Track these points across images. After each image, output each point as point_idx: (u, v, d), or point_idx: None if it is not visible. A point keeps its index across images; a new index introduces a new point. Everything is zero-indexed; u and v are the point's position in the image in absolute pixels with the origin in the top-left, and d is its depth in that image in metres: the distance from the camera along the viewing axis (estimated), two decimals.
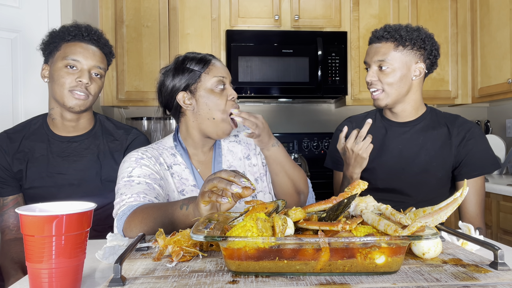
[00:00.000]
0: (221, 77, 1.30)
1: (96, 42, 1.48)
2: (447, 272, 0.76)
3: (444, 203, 0.81)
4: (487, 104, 3.28)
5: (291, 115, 3.30)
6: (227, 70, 1.36)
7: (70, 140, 1.52)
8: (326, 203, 0.87)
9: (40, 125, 1.55)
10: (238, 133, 1.47)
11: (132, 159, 1.29)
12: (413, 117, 1.58)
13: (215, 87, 1.29)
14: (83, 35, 1.46)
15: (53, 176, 1.49)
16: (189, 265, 0.82)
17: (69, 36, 1.45)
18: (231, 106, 1.29)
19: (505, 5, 2.62)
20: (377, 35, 1.52)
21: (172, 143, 1.39)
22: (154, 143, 1.42)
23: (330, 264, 0.73)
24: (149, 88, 2.85)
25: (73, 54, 1.43)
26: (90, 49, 1.46)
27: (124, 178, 1.24)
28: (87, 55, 1.45)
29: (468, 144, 1.54)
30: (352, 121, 1.71)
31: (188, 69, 1.30)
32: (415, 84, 1.54)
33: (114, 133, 1.58)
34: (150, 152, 1.33)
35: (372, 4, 2.96)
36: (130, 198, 1.16)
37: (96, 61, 1.47)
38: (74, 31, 1.46)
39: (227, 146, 1.43)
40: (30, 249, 0.66)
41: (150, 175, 1.25)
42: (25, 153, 1.50)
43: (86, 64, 1.44)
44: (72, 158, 1.50)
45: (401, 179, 1.57)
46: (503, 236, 2.29)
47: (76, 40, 1.45)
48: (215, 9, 2.87)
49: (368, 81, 1.53)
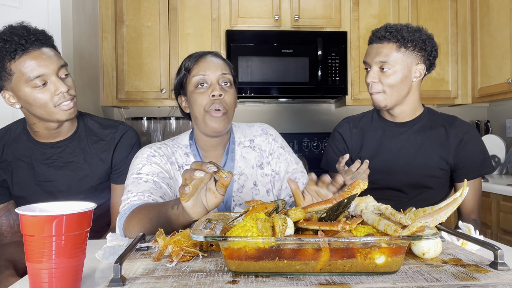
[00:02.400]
0: (201, 75, 1.26)
1: (39, 42, 1.29)
2: (447, 272, 0.76)
3: (444, 203, 0.81)
4: (487, 104, 3.28)
5: (291, 115, 3.30)
6: (217, 63, 1.29)
7: (54, 146, 1.44)
8: (326, 203, 0.87)
9: (21, 131, 1.45)
10: (255, 137, 1.41)
11: (144, 156, 1.29)
12: (410, 117, 1.58)
13: (195, 85, 1.27)
14: (22, 44, 1.25)
15: (41, 184, 1.44)
16: (189, 265, 0.82)
17: (9, 53, 1.25)
18: (211, 102, 1.24)
19: (505, 5, 2.62)
20: (379, 35, 1.50)
21: (187, 141, 1.37)
22: (170, 139, 1.40)
23: (330, 264, 0.73)
24: (149, 88, 2.85)
25: (31, 71, 1.26)
26: (41, 54, 1.28)
27: (133, 175, 1.24)
28: (45, 63, 1.28)
29: (466, 147, 1.54)
30: (349, 121, 1.70)
31: (179, 70, 1.33)
32: (415, 85, 1.53)
33: (100, 133, 1.50)
34: (164, 150, 1.32)
35: (372, 4, 2.96)
36: (134, 197, 1.17)
37: (56, 61, 1.31)
38: (11, 46, 1.25)
39: (241, 151, 1.37)
40: (30, 249, 0.66)
41: (159, 173, 1.25)
42: (8, 162, 1.43)
43: (52, 72, 1.29)
44: (58, 164, 1.44)
45: (400, 179, 1.57)
46: (503, 236, 2.29)
47: (21, 53, 1.26)
48: (215, 9, 2.87)
49: (369, 82, 1.51)
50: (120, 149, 1.49)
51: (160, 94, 2.85)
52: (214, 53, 1.33)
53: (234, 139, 1.39)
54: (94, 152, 1.47)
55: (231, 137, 1.39)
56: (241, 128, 1.43)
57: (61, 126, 1.41)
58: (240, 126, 1.44)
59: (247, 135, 1.40)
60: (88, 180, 1.47)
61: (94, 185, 1.47)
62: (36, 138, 1.44)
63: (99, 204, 1.51)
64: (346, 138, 1.67)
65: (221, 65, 1.29)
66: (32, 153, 1.44)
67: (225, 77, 1.27)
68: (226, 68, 1.29)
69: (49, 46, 1.32)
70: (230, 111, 1.28)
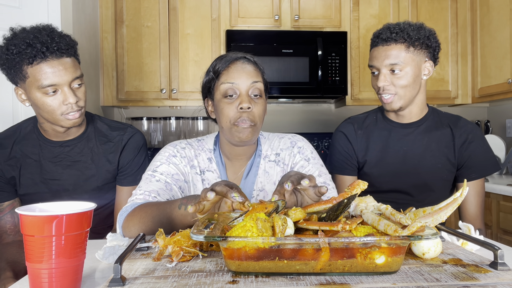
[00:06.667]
0: (230, 83, 1.18)
1: (60, 51, 1.29)
2: (447, 272, 0.76)
3: (444, 203, 0.81)
4: (487, 104, 3.28)
5: (291, 115, 3.30)
6: (248, 71, 1.20)
7: (62, 145, 1.46)
8: (326, 203, 0.87)
9: (31, 129, 1.48)
10: (281, 151, 1.33)
11: (166, 154, 1.28)
12: (417, 117, 1.55)
13: (223, 94, 1.20)
14: (43, 52, 1.27)
15: (47, 182, 1.45)
16: (189, 265, 0.82)
17: (29, 58, 1.26)
18: (239, 115, 1.17)
19: (505, 5, 2.62)
20: (384, 36, 1.45)
21: (212, 145, 1.32)
22: (197, 138, 1.36)
23: (330, 264, 0.73)
24: (149, 88, 2.85)
25: (45, 79, 1.27)
26: (59, 64, 1.29)
27: (149, 171, 1.24)
28: (60, 74, 1.29)
29: (470, 147, 1.53)
30: (352, 122, 1.65)
31: (208, 71, 1.25)
32: (423, 83, 1.51)
33: (108, 135, 1.51)
34: (187, 151, 1.30)
35: (372, 4, 2.96)
36: (140, 195, 1.17)
37: (72, 73, 1.32)
38: (31, 51, 1.26)
39: (265, 166, 1.31)
40: (30, 249, 0.66)
41: (174, 175, 1.24)
42: (17, 159, 1.45)
43: (64, 83, 1.30)
44: (65, 163, 1.46)
45: (407, 181, 1.55)
46: (503, 236, 2.29)
47: (39, 60, 1.27)
48: (215, 9, 2.87)
49: (381, 86, 1.47)
50: (127, 151, 1.51)
51: (160, 94, 2.85)
52: (247, 58, 1.23)
53: (261, 152, 1.33)
54: (102, 152, 1.49)
55: (257, 149, 1.33)
56: (270, 139, 1.36)
57: (68, 129, 1.43)
58: (269, 138, 1.37)
59: (274, 148, 1.34)
60: (94, 180, 1.48)
61: (99, 185, 1.48)
62: (46, 136, 1.46)
63: (103, 205, 1.52)
64: (351, 138, 1.61)
65: (252, 73, 1.20)
66: (41, 150, 1.46)
67: (255, 87, 1.20)
68: (258, 75, 1.22)
69: (69, 56, 1.33)
70: (259, 123, 1.21)
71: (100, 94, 2.83)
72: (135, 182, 1.47)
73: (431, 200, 1.55)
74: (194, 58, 2.87)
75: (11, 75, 1.33)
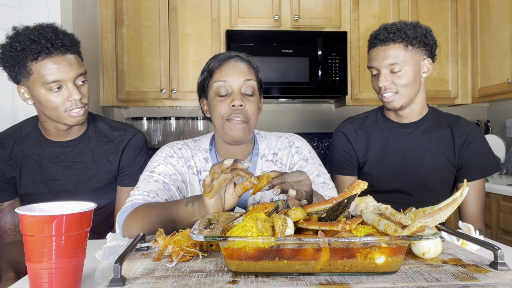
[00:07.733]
0: (222, 81, 1.19)
1: (64, 48, 1.30)
2: (447, 272, 0.76)
3: (444, 203, 0.81)
4: (487, 104, 3.28)
5: (291, 115, 3.30)
6: (241, 69, 1.21)
7: (63, 145, 1.45)
8: (326, 203, 0.87)
9: (32, 129, 1.47)
10: (279, 150, 1.33)
11: (163, 155, 1.28)
12: (417, 117, 1.56)
13: (216, 93, 1.21)
14: (48, 48, 1.27)
15: (47, 182, 1.45)
16: (189, 265, 0.82)
17: (33, 54, 1.27)
18: (231, 112, 1.18)
19: (505, 5, 2.62)
20: (381, 37, 1.46)
21: (208, 145, 1.32)
22: (193, 139, 1.36)
23: (330, 264, 0.73)
24: (149, 88, 2.85)
25: (49, 75, 1.28)
26: (64, 60, 1.30)
27: (147, 172, 1.25)
28: (65, 70, 1.29)
29: (470, 147, 1.53)
30: (353, 122, 1.65)
31: (203, 70, 1.27)
32: (423, 82, 1.52)
33: (109, 135, 1.51)
34: (184, 152, 1.30)
35: (372, 4, 2.96)
36: (139, 196, 1.17)
37: (76, 69, 1.32)
38: (36, 47, 1.26)
39: (262, 165, 1.30)
40: (30, 249, 0.66)
41: (171, 175, 1.24)
42: (18, 159, 1.44)
43: (69, 79, 1.31)
44: (66, 163, 1.45)
45: (407, 181, 1.55)
46: (503, 236, 2.29)
47: (43, 55, 1.27)
48: (215, 9, 2.87)
49: (382, 86, 1.47)
50: (128, 152, 1.51)
51: (160, 94, 2.85)
52: (240, 57, 1.24)
53: (258, 151, 1.32)
54: (103, 153, 1.49)
55: (254, 148, 1.32)
56: (267, 139, 1.36)
57: (70, 128, 1.43)
58: (267, 137, 1.36)
59: (272, 147, 1.34)
60: (95, 180, 1.48)
61: (100, 185, 1.48)
62: (47, 136, 1.46)
63: (104, 205, 1.51)
64: (351, 139, 1.62)
65: (245, 71, 1.21)
66: (42, 151, 1.45)
67: (248, 84, 1.20)
68: (250, 74, 1.22)
69: (73, 53, 1.34)
70: (252, 121, 1.21)
71: (100, 94, 2.83)
72: (136, 183, 1.47)
73: (431, 200, 1.55)
74: (194, 58, 2.87)
75: (14, 73, 1.33)
